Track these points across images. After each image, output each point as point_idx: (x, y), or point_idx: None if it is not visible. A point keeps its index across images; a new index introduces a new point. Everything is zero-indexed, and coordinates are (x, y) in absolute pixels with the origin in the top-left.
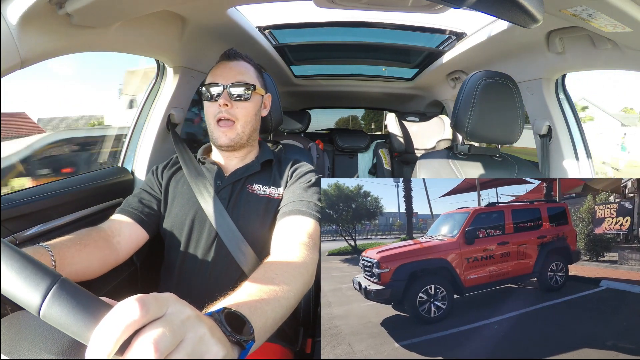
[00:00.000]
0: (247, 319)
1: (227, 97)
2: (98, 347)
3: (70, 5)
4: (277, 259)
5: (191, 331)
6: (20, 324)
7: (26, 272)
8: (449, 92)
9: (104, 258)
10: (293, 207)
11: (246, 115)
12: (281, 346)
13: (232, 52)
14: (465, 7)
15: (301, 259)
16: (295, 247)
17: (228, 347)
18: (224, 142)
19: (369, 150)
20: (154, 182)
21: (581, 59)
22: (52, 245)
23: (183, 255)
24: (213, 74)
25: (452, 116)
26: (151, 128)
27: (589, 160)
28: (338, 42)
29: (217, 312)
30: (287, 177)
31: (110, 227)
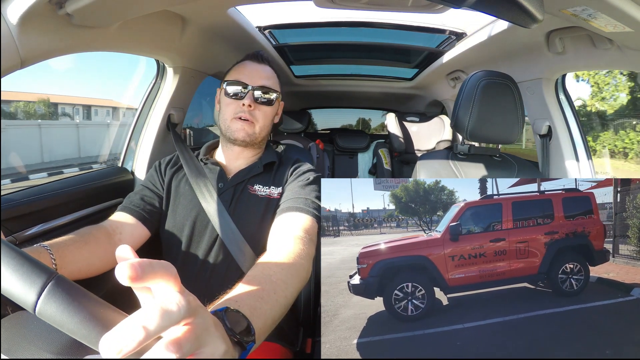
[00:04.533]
0: (249, 319)
1: (252, 98)
2: (124, 344)
3: (70, 5)
4: (274, 255)
5: (209, 345)
6: (20, 324)
7: (22, 270)
8: (449, 92)
9: (105, 256)
10: (290, 204)
11: (265, 119)
12: (281, 346)
13: (260, 55)
14: (465, 7)
15: (297, 254)
16: (291, 242)
17: (229, 344)
18: (241, 136)
19: (369, 150)
20: (157, 179)
21: (581, 59)
22: (52, 244)
23: (184, 255)
24: (239, 72)
25: (452, 116)
26: (151, 128)
27: (589, 160)
28: (338, 42)
29: (220, 311)
30: (287, 177)
31: (111, 225)
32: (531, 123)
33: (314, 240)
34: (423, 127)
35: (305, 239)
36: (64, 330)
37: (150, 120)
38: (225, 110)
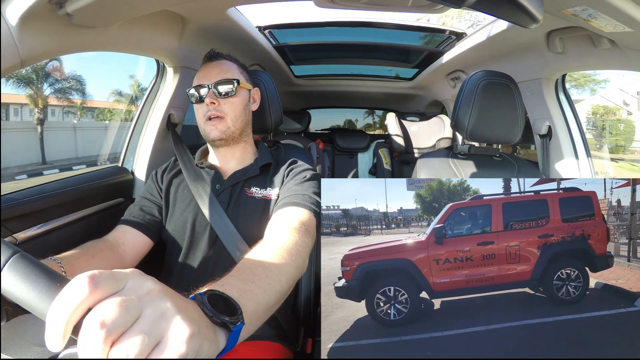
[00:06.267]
0: (234, 300)
1: (213, 95)
2: (51, 331)
3: (70, 5)
4: (268, 244)
5: (150, 307)
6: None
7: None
8: (449, 92)
9: (111, 267)
10: (287, 201)
11: (234, 110)
12: (281, 346)
13: (212, 53)
14: (465, 7)
15: (292, 242)
16: (286, 232)
17: (203, 325)
18: (216, 135)
19: (369, 150)
20: (154, 188)
21: (581, 59)
22: (62, 258)
23: (183, 257)
24: (197, 76)
25: (452, 116)
26: (151, 128)
27: (589, 160)
28: (338, 42)
29: (200, 295)
30: (283, 177)
31: (115, 238)
32: (531, 123)
33: (311, 232)
34: (423, 127)
35: (302, 229)
36: (25, 307)
37: (150, 120)
38: (197, 116)
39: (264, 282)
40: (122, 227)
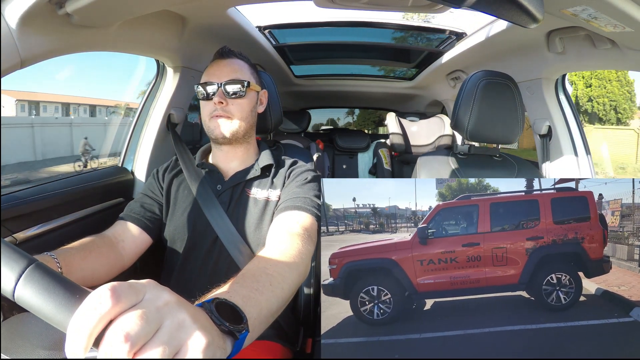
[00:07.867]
0: (240, 308)
1: (222, 94)
2: (73, 343)
3: (70, 5)
4: (271, 250)
5: (169, 318)
6: (20, 324)
7: (3, 257)
8: (449, 92)
9: (109, 264)
10: (289, 203)
11: (242, 111)
12: (281, 346)
13: (225, 50)
14: (465, 7)
15: (295, 249)
16: (288, 238)
17: (215, 334)
18: (220, 133)
19: (369, 150)
20: (155, 186)
21: (581, 59)
22: (58, 253)
23: (184, 257)
24: (207, 72)
25: (452, 116)
26: (151, 128)
27: (589, 160)
28: (338, 42)
29: (208, 302)
30: (284, 179)
31: (113, 234)
32: (531, 123)
33: (313, 237)
34: (423, 126)
35: (304, 235)
36: (42, 317)
37: (151, 120)
38: (203, 113)
39: (267, 289)
40: (121, 223)
